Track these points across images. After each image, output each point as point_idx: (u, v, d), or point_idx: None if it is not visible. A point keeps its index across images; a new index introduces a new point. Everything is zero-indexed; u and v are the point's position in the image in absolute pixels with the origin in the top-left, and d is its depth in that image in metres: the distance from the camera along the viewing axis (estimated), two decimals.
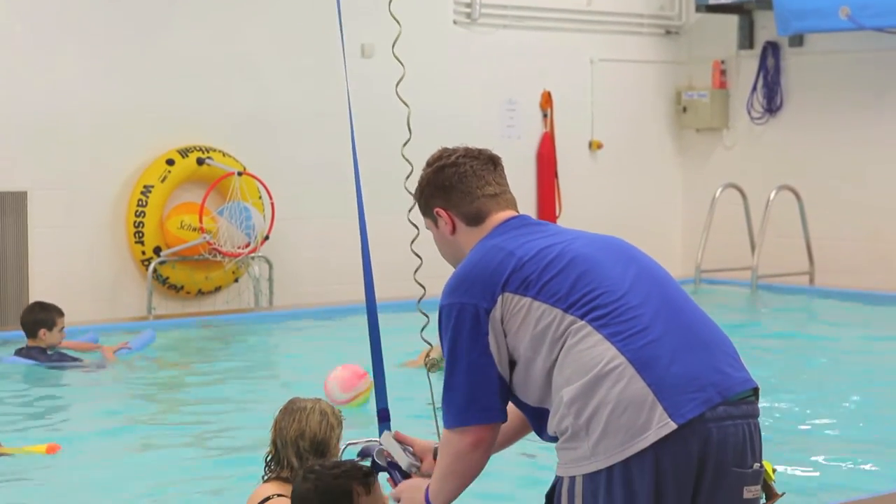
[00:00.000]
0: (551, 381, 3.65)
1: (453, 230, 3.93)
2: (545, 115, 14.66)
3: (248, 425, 8.04)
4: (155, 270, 11.99)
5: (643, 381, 3.53)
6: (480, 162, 3.94)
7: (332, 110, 12.55)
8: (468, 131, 10.68)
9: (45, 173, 11.75)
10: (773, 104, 15.03)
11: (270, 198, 12.34)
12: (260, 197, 12.33)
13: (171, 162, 12.15)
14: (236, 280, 12.64)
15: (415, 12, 10.85)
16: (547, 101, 14.64)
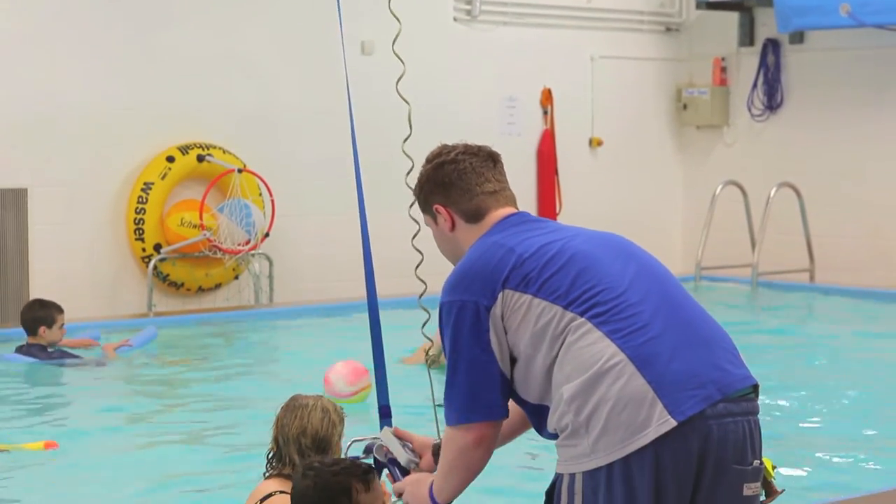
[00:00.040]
0: (551, 378, 3.64)
1: (452, 227, 3.93)
2: (545, 112, 14.65)
3: (249, 422, 8.04)
4: (155, 267, 11.99)
5: (643, 378, 3.53)
6: (480, 159, 3.94)
7: (331, 107, 12.55)
8: (468, 128, 10.65)
9: (46, 170, 11.75)
10: (773, 101, 15.03)
11: (271, 195, 12.34)
12: (260, 194, 12.33)
13: (171, 159, 12.15)
14: (236, 277, 12.64)
15: (415, 9, 10.84)
16: (547, 98, 14.63)
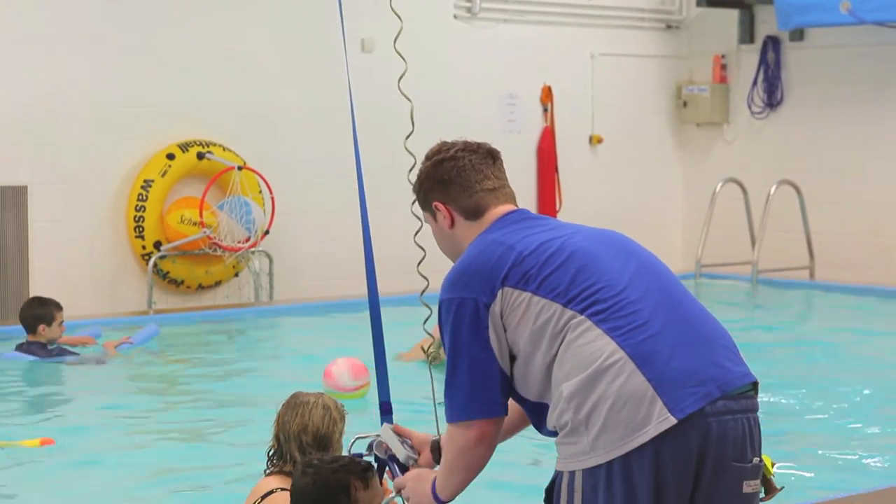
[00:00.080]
0: (551, 375, 3.64)
1: (452, 224, 3.92)
2: (545, 110, 14.65)
3: (250, 419, 8.05)
4: (155, 265, 11.99)
5: (643, 375, 3.53)
6: (479, 156, 3.93)
7: (331, 105, 12.56)
8: (468, 126, 10.62)
9: (46, 168, 11.74)
10: (773, 99, 15.03)
11: (271, 192, 12.34)
12: (260, 191, 12.33)
13: (171, 156, 12.15)
14: (236, 274, 12.64)
15: (415, 7, 10.85)
16: (547, 95, 14.63)
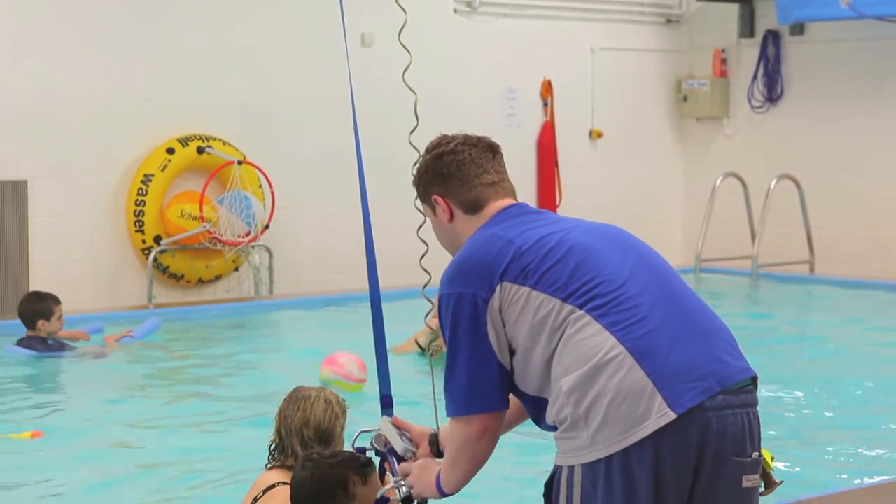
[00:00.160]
0: (550, 370, 3.64)
1: (451, 218, 3.91)
2: (545, 104, 14.64)
3: (251, 414, 8.05)
4: (155, 259, 11.99)
5: (642, 370, 3.53)
6: (479, 149, 3.92)
7: (332, 99, 12.55)
8: (469, 120, 10.62)
9: (46, 162, 11.74)
10: (773, 93, 15.02)
11: (270, 186, 12.34)
12: (260, 186, 12.33)
13: (171, 151, 12.14)
14: (236, 269, 12.64)
15: (416, 1, 10.80)
16: (547, 89, 14.62)
